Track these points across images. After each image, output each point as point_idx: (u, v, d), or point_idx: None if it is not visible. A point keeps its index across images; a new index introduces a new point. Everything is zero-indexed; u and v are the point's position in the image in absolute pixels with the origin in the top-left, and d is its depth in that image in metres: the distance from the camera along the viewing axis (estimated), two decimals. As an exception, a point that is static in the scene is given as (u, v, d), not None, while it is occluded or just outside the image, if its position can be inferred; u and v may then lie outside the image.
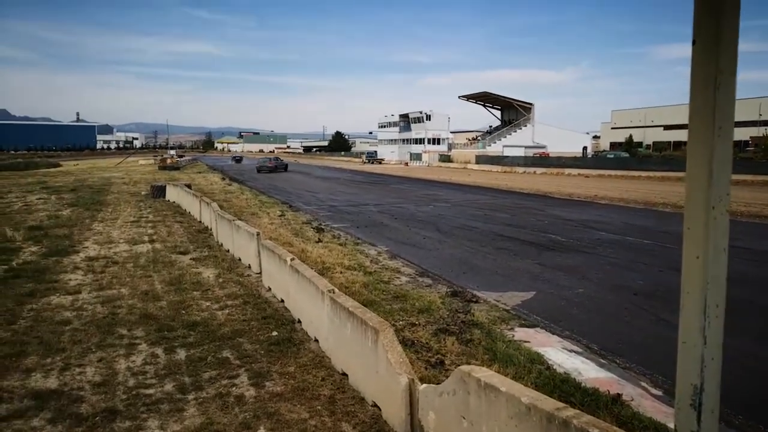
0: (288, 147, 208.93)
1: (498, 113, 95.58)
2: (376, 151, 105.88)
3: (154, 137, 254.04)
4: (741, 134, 67.20)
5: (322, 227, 16.88)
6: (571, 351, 6.79)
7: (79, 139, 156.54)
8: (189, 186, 24.36)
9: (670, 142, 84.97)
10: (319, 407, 5.01)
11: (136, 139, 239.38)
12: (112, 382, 5.52)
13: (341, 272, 10.23)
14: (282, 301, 8.32)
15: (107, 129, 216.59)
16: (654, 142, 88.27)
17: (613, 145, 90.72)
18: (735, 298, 3.03)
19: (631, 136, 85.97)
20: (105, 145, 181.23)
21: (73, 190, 28.61)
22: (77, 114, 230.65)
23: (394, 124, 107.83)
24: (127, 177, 40.93)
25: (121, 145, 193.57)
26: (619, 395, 5.30)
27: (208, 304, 8.33)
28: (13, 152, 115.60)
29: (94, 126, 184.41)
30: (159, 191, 25.19)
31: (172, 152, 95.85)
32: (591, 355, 6.68)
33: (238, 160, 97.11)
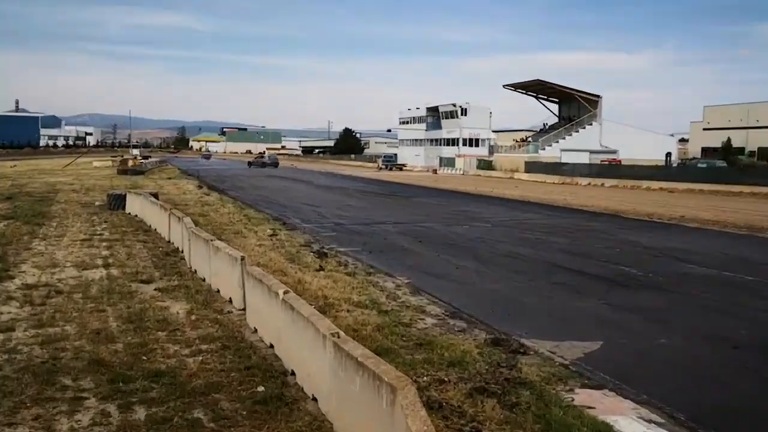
0: (283, 147, 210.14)
1: (555, 108, 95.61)
2: (395, 155, 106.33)
3: (113, 132, 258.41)
4: None
5: (325, 251, 16.90)
6: (649, 421, 6.68)
7: (17, 134, 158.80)
8: (156, 195, 24.55)
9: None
10: (318, 488, 4.97)
11: (90, 134, 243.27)
12: (50, 448, 5.52)
13: (348, 310, 10.22)
14: (271, 346, 8.32)
15: (54, 121, 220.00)
16: (759, 148, 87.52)
17: (706, 151, 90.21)
18: None
19: (729, 139, 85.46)
20: (51, 142, 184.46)
21: (8, 198, 28.98)
22: (16, 102, 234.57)
23: (420, 119, 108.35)
24: (77, 183, 41.45)
25: (71, 142, 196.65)
26: (713, 482, 5.18)
27: (176, 348, 8.35)
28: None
29: (38, 117, 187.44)
30: (117, 201, 25.42)
31: (136, 152, 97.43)
32: (676, 427, 6.57)
33: (207, 157, 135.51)
